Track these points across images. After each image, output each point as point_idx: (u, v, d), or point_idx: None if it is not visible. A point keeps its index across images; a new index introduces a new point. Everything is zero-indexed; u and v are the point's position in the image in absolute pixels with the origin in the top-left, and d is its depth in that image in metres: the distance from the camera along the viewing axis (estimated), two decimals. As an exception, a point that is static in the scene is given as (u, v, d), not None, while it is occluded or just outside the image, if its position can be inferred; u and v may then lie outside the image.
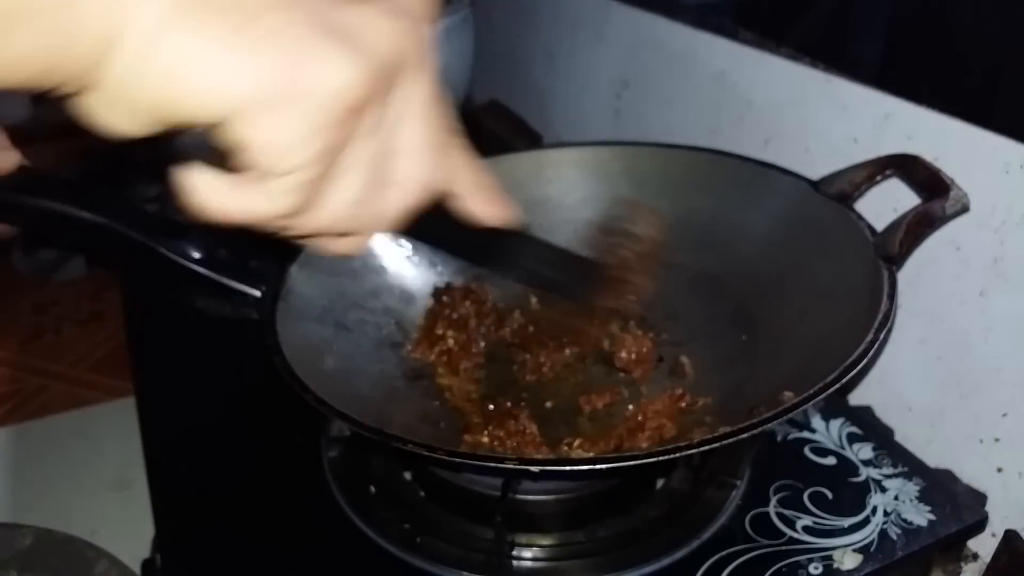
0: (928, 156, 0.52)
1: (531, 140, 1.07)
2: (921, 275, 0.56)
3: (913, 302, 0.57)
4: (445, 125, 0.27)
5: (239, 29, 0.20)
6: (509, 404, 0.52)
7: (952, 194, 0.49)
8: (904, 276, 0.56)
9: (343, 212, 0.25)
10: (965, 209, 0.50)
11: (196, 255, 0.50)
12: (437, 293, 0.61)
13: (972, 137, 0.51)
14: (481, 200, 0.31)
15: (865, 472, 0.53)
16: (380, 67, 0.23)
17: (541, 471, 0.39)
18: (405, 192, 0.26)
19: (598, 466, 0.38)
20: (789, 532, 0.49)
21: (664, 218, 0.57)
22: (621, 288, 0.50)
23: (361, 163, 0.24)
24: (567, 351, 0.57)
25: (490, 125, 1.11)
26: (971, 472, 0.55)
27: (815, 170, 0.57)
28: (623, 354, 0.54)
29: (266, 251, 0.53)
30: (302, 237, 0.26)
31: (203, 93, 0.20)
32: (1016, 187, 0.49)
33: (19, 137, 0.51)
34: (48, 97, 0.21)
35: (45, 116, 1.15)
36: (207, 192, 0.23)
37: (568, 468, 0.40)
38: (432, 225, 0.29)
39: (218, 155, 0.22)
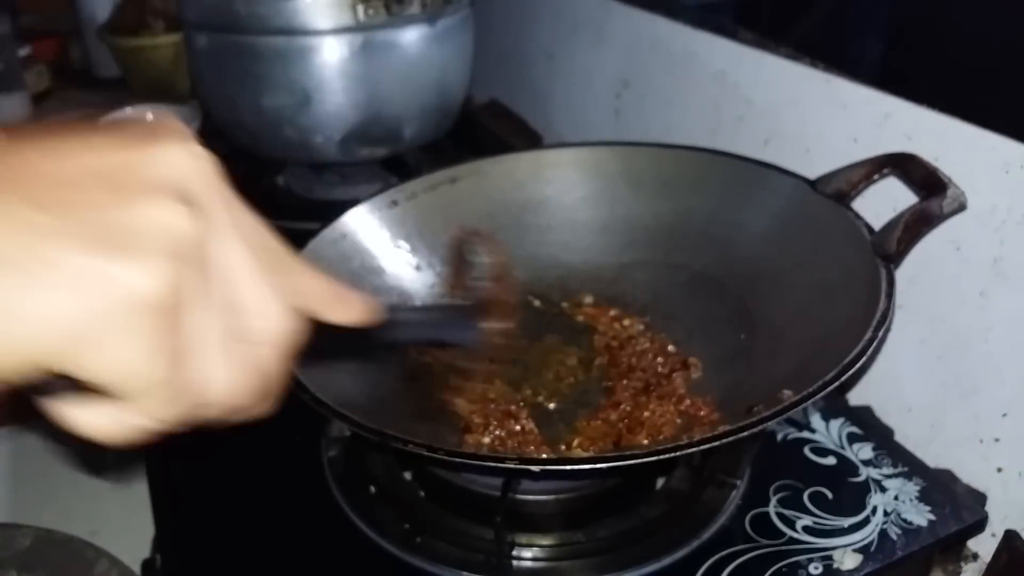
0: (928, 156, 0.52)
1: (531, 140, 1.07)
2: (921, 275, 0.56)
3: (913, 302, 0.57)
4: (272, 250, 0.26)
5: (10, 277, 0.19)
6: (512, 406, 0.52)
7: (949, 192, 0.49)
8: (904, 276, 0.56)
9: (229, 389, 0.24)
10: (962, 207, 0.50)
11: None
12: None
13: (972, 137, 0.51)
14: (339, 308, 0.30)
15: (865, 472, 0.53)
16: (173, 256, 0.21)
17: (542, 470, 0.39)
18: (273, 343, 0.25)
19: (598, 465, 0.38)
20: (789, 532, 0.49)
21: (503, 242, 0.58)
22: (499, 315, 0.51)
23: (212, 343, 0.23)
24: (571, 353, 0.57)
25: (490, 125, 1.11)
26: (971, 472, 0.55)
27: (815, 170, 0.57)
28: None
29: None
30: (218, 420, 0.25)
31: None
32: (1016, 187, 0.49)
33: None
34: None
35: (45, 116, 1.15)
36: (87, 426, 0.23)
37: (568, 468, 0.40)
38: (313, 348, 0.29)
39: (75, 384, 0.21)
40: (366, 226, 0.62)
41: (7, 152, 0.21)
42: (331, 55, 0.76)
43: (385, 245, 0.62)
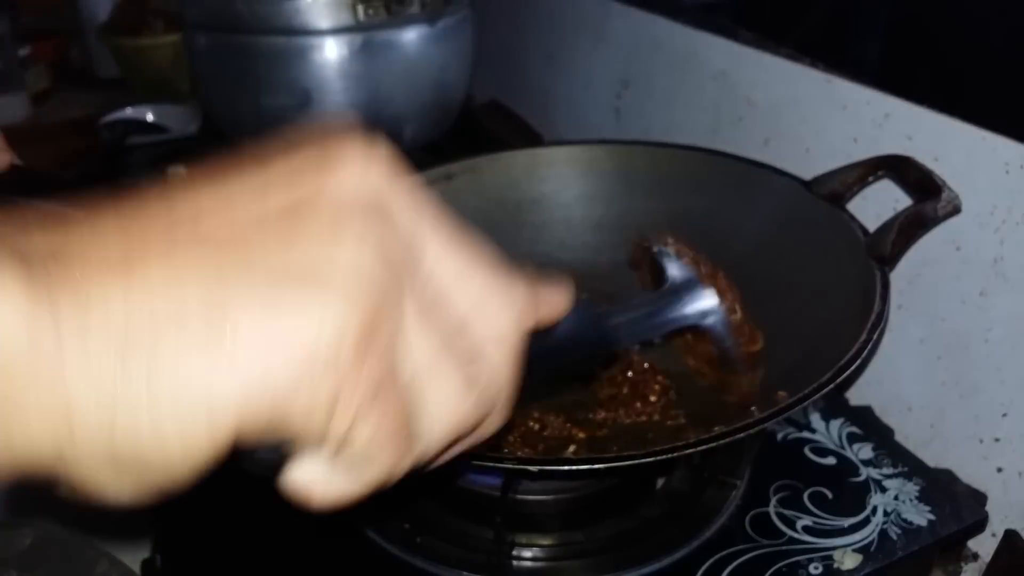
0: (928, 156, 0.52)
1: (531, 140, 1.07)
2: (921, 275, 0.56)
3: (913, 302, 0.57)
4: (476, 251, 0.23)
5: (201, 330, 0.17)
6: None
7: (944, 195, 0.49)
8: (904, 276, 0.56)
9: (456, 412, 0.21)
10: (957, 211, 0.50)
11: None
12: None
13: (972, 137, 0.51)
14: (546, 307, 0.26)
15: (865, 472, 0.53)
16: (366, 283, 0.19)
17: (540, 471, 0.39)
18: (499, 347, 0.23)
19: (597, 466, 0.38)
20: (789, 532, 0.49)
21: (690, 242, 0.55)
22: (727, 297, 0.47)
23: (433, 364, 0.21)
24: None
25: (490, 125, 1.11)
26: (971, 472, 0.55)
27: (815, 170, 0.57)
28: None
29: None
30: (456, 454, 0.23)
31: (204, 416, 0.18)
32: (1016, 187, 0.49)
33: (19, 137, 0.51)
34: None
35: (45, 116, 1.15)
36: (303, 488, 0.22)
37: (567, 468, 0.40)
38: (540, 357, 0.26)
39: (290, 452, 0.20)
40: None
41: (174, 201, 0.19)
42: (331, 55, 0.76)
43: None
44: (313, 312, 0.18)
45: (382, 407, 0.20)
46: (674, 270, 0.45)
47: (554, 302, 0.27)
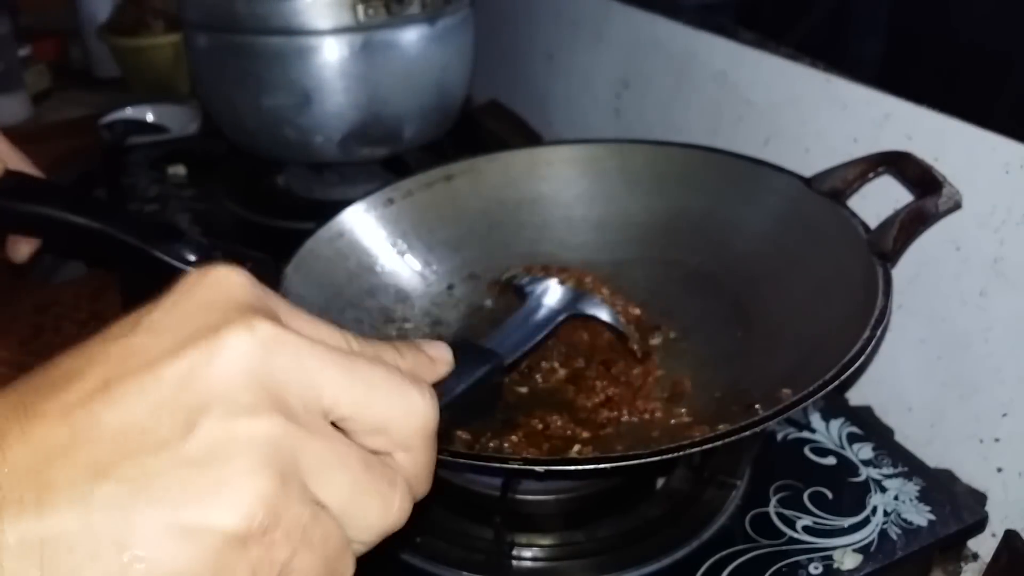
0: (928, 156, 0.52)
1: (531, 140, 1.07)
2: (921, 275, 0.56)
3: (913, 302, 0.57)
4: (375, 369, 0.24)
5: (113, 559, 0.18)
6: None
7: (945, 191, 0.49)
8: (904, 276, 0.56)
9: (385, 519, 0.25)
10: (958, 206, 0.50)
11: (191, 258, 0.50)
12: None
13: (972, 137, 0.51)
14: (435, 362, 0.29)
15: (865, 472, 0.53)
16: (268, 454, 0.20)
17: (545, 471, 0.39)
18: (418, 443, 0.25)
19: (601, 466, 0.38)
20: (789, 532, 0.49)
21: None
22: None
23: (352, 488, 0.23)
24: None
25: (490, 125, 1.11)
26: (971, 472, 0.55)
27: (815, 170, 0.57)
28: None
29: (261, 253, 0.53)
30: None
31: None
32: (1016, 187, 0.49)
33: (19, 137, 0.51)
34: None
35: (45, 116, 1.15)
36: None
37: (571, 468, 0.40)
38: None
39: None
40: (363, 224, 0.62)
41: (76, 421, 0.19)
42: (331, 55, 0.76)
43: (382, 243, 0.62)
44: (219, 499, 0.19)
45: (306, 556, 0.21)
46: (530, 285, 0.54)
47: (440, 359, 0.29)
